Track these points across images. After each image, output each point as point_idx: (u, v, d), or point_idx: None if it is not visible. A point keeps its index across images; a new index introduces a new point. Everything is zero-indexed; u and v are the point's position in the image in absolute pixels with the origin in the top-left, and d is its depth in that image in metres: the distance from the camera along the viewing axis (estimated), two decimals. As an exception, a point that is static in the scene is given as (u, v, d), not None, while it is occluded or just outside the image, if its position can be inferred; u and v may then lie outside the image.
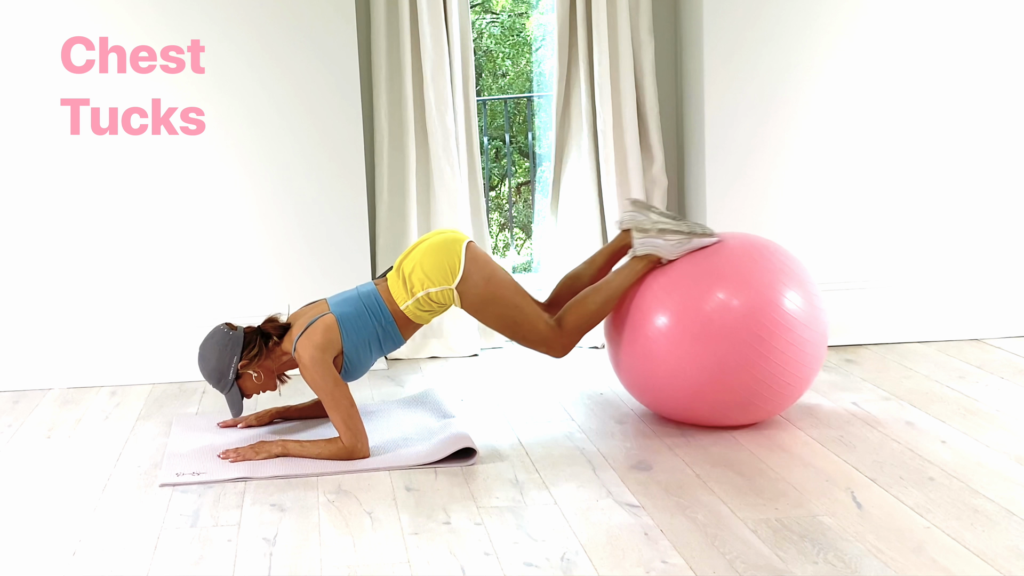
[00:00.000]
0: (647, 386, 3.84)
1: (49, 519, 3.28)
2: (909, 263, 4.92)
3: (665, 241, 3.77)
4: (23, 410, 4.39)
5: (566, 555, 2.91)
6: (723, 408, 3.73)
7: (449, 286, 3.71)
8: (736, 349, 3.61)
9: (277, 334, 3.78)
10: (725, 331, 3.61)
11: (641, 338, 3.75)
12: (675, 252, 3.77)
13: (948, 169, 4.89)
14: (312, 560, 2.94)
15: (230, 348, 3.71)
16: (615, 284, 3.81)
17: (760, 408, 3.74)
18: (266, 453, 3.66)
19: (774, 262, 3.75)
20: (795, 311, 3.66)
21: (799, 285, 3.72)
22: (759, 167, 4.87)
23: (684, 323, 3.67)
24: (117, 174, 4.68)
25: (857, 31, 4.81)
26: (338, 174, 4.78)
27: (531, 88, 7.03)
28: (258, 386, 3.80)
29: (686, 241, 3.76)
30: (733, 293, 3.64)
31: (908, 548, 2.86)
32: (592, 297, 3.81)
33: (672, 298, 3.71)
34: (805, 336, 3.67)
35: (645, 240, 3.79)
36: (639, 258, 3.81)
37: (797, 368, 3.68)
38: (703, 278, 3.70)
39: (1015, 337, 4.89)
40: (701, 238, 3.77)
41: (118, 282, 4.73)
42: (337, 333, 3.69)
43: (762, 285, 3.66)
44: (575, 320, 3.80)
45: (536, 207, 5.57)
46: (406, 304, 3.73)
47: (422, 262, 3.73)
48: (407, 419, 4.01)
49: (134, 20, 4.61)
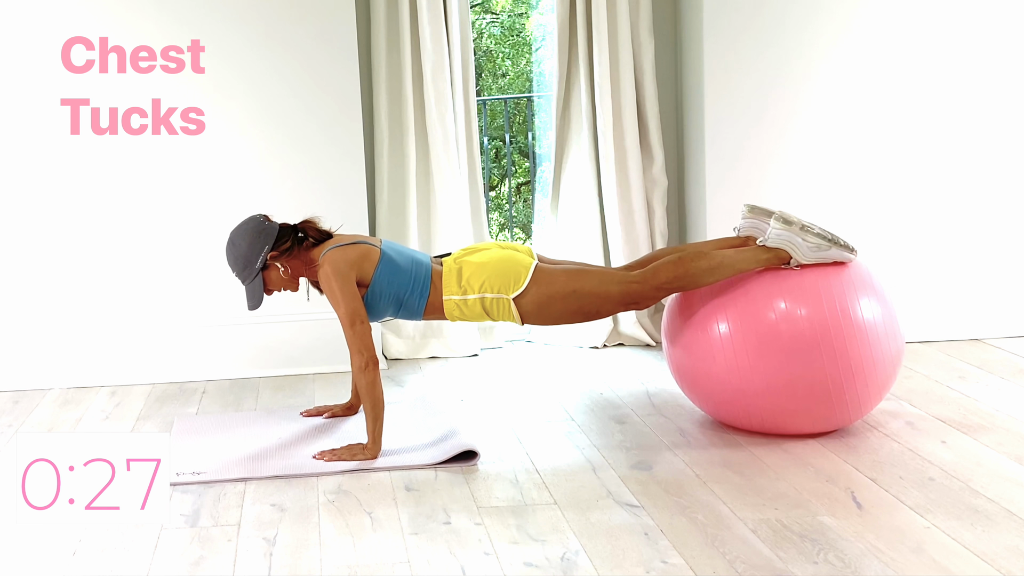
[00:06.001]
0: (722, 395, 3.70)
1: (49, 519, 3.27)
2: (909, 263, 4.92)
3: (804, 240, 3.52)
4: (23, 410, 4.39)
5: (566, 555, 2.91)
6: (796, 416, 3.64)
7: (506, 296, 3.65)
8: (812, 359, 3.51)
9: (314, 236, 3.74)
10: (803, 342, 3.51)
11: (710, 342, 3.60)
12: (810, 256, 3.53)
13: (948, 169, 4.89)
14: (312, 560, 2.94)
15: (263, 237, 3.68)
16: (729, 260, 3.54)
17: (840, 415, 3.67)
18: (362, 456, 3.61)
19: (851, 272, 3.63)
20: (871, 320, 3.55)
21: (874, 294, 3.61)
22: (759, 167, 4.87)
23: (752, 331, 3.54)
24: (117, 174, 4.68)
25: (857, 30, 4.81)
26: (338, 174, 4.78)
27: (531, 88, 7.03)
28: (282, 282, 3.74)
29: (825, 248, 3.51)
30: (802, 302, 3.51)
31: (908, 548, 2.86)
32: (700, 262, 3.54)
33: (737, 305, 3.58)
34: (883, 344, 3.58)
35: (783, 232, 3.52)
36: (767, 248, 3.58)
37: (875, 375, 3.59)
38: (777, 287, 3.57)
39: (1015, 337, 4.89)
40: (842, 250, 3.54)
41: (118, 282, 4.73)
42: (374, 265, 3.66)
43: (836, 295, 3.53)
44: (671, 275, 3.55)
45: (536, 207, 5.57)
46: (451, 297, 3.69)
47: (485, 267, 3.68)
48: (408, 421, 4.01)
49: (134, 20, 4.61)
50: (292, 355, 4.79)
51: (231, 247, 3.73)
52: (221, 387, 4.64)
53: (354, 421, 4.01)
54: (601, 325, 4.99)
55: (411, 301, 3.72)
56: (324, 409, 4.11)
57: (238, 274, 3.74)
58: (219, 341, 4.76)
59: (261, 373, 4.78)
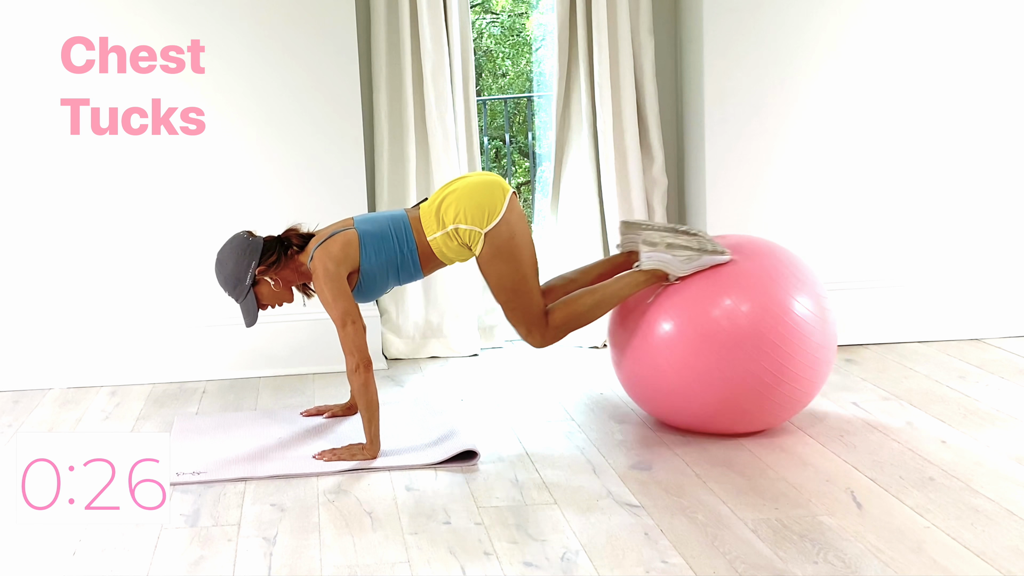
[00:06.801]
0: (651, 393, 3.79)
1: (49, 519, 3.27)
2: (909, 263, 4.92)
3: (674, 256, 3.63)
4: (23, 410, 4.39)
5: (566, 555, 2.91)
6: (729, 416, 3.68)
7: (479, 229, 3.64)
8: (744, 356, 3.55)
9: (298, 243, 3.75)
10: (733, 338, 3.55)
11: (646, 343, 3.69)
12: (685, 269, 3.63)
13: (948, 169, 4.89)
14: (312, 560, 2.94)
15: (248, 253, 3.68)
16: (611, 290, 3.71)
17: (768, 416, 3.71)
18: (362, 456, 3.62)
19: (782, 267, 3.68)
20: (806, 316, 3.60)
21: (808, 290, 3.66)
22: (759, 167, 4.87)
23: (690, 329, 3.60)
24: (117, 174, 4.68)
25: (857, 30, 4.81)
26: (338, 174, 4.78)
27: (531, 88, 7.03)
28: (275, 296, 3.75)
29: (696, 257, 3.61)
30: (742, 299, 3.57)
31: (908, 548, 2.86)
32: (585, 299, 3.72)
33: (677, 304, 3.64)
34: (815, 341, 3.62)
35: (652, 254, 3.65)
36: (643, 271, 3.70)
37: (807, 374, 3.63)
38: (710, 285, 3.62)
39: (1015, 337, 4.89)
40: (712, 255, 3.62)
41: (118, 282, 4.73)
42: (356, 249, 3.66)
43: (772, 290, 3.59)
44: (563, 317, 3.72)
45: (536, 207, 5.57)
46: (434, 236, 3.68)
47: (461, 197, 3.66)
48: (408, 421, 4.01)
49: (134, 20, 4.61)
50: (292, 355, 4.79)
51: (219, 267, 3.74)
52: (221, 387, 4.64)
53: (354, 421, 4.01)
54: (601, 325, 4.99)
55: (402, 259, 3.71)
56: (324, 409, 4.11)
57: (230, 293, 3.75)
58: (219, 341, 4.76)
59: (261, 373, 4.78)
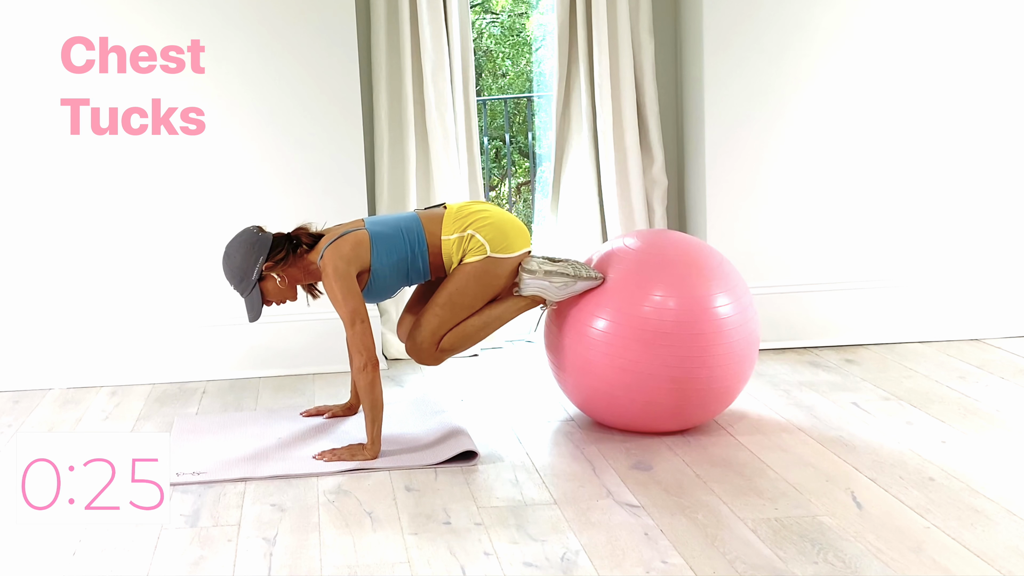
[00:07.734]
0: (582, 390, 3.86)
1: (49, 519, 3.27)
2: (909, 263, 4.92)
3: (551, 283, 3.79)
4: (23, 410, 4.39)
5: (566, 555, 2.91)
6: (652, 413, 3.74)
7: (487, 248, 3.74)
8: (668, 352, 3.63)
9: (307, 242, 3.77)
10: (660, 335, 3.63)
11: (577, 343, 3.77)
12: (561, 295, 3.81)
13: (948, 169, 4.89)
14: (312, 560, 2.94)
15: (257, 248, 3.70)
16: (495, 314, 3.83)
17: (690, 413, 3.76)
18: (362, 456, 3.64)
19: (706, 265, 3.78)
20: (727, 314, 3.69)
21: (730, 288, 3.75)
22: (759, 167, 4.87)
23: (617, 326, 3.69)
24: (117, 174, 4.68)
25: (856, 30, 4.81)
26: (338, 174, 4.78)
27: (531, 88, 7.03)
28: (280, 292, 3.77)
29: (571, 283, 3.79)
30: (668, 295, 3.68)
31: (908, 548, 2.86)
32: (472, 321, 3.82)
33: (607, 300, 3.73)
34: (736, 338, 3.69)
35: (531, 281, 3.81)
36: (524, 296, 3.84)
37: (728, 371, 3.70)
38: (638, 281, 3.73)
39: (1015, 337, 4.89)
40: (586, 281, 3.79)
41: (118, 282, 4.73)
42: (367, 249, 3.70)
43: (695, 288, 3.69)
44: (452, 339, 3.81)
45: (536, 207, 5.57)
46: (449, 236, 3.76)
47: (494, 219, 3.79)
48: (408, 421, 4.01)
49: (134, 20, 4.61)
50: (292, 355, 4.79)
51: (227, 260, 3.75)
52: (221, 387, 4.64)
53: (354, 421, 4.01)
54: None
55: (412, 259, 3.76)
56: (324, 409, 4.11)
57: (235, 286, 3.75)
58: (219, 341, 4.76)
59: (261, 373, 4.78)
